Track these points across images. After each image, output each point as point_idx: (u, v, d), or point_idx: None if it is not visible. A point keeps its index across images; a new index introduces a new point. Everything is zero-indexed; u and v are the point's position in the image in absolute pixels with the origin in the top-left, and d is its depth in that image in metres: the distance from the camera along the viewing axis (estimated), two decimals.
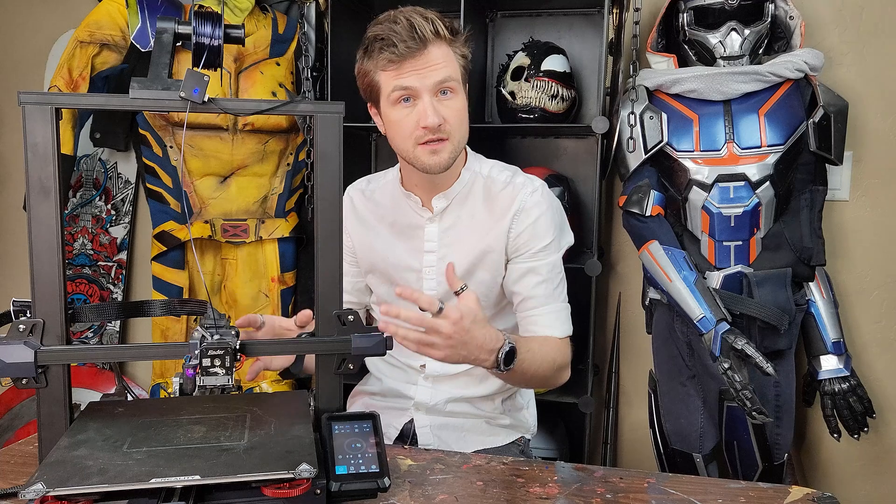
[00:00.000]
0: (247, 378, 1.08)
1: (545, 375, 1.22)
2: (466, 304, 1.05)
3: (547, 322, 1.27)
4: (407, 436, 1.33)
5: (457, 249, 1.29)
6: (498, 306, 1.34)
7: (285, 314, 2.14)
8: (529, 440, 1.42)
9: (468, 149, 1.35)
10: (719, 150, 1.71)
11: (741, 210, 1.69)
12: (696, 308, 1.64)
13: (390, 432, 1.33)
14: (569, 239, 1.36)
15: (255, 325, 1.13)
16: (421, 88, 1.16)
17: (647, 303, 1.93)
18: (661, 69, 1.79)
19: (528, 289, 1.27)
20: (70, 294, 1.57)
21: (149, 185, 2.12)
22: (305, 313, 1.10)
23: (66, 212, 2.44)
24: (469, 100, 1.24)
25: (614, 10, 1.94)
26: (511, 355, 1.11)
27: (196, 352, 0.86)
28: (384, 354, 0.95)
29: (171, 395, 0.95)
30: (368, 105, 1.27)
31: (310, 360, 1.15)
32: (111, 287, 2.44)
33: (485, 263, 1.28)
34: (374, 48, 1.17)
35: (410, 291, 1.04)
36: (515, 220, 1.26)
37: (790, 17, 1.75)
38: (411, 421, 1.33)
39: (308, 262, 2.17)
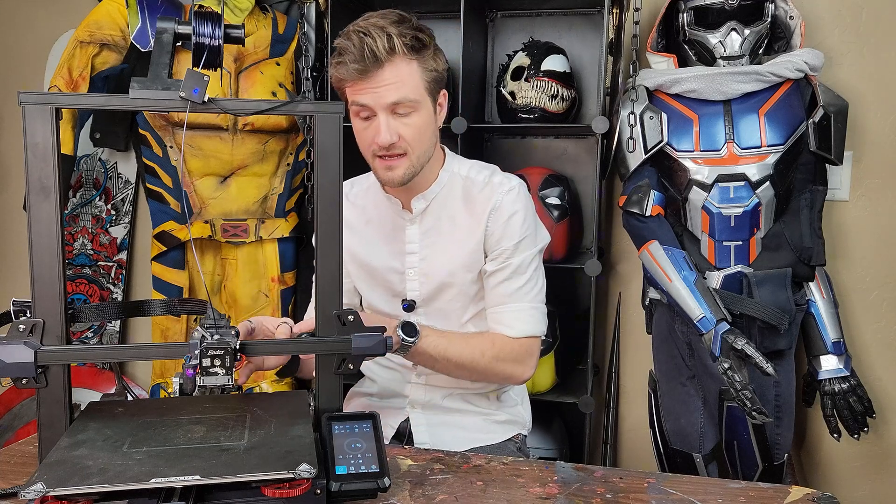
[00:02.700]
0: (240, 381, 1.07)
1: (473, 362, 1.24)
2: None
3: (506, 321, 1.28)
4: (403, 434, 1.34)
5: (438, 250, 1.30)
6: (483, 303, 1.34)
7: (285, 314, 2.14)
8: (526, 437, 1.42)
9: (446, 149, 1.35)
10: (719, 150, 1.71)
11: (741, 210, 1.69)
12: (695, 308, 1.64)
13: (387, 431, 1.33)
14: (543, 235, 1.34)
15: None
16: (375, 107, 1.16)
17: (647, 303, 1.93)
18: (661, 69, 1.79)
19: (491, 287, 1.29)
20: (70, 294, 1.57)
21: (149, 185, 2.12)
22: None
23: (66, 212, 2.44)
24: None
25: (614, 10, 1.94)
26: (410, 326, 1.17)
27: (196, 352, 0.86)
28: (384, 354, 0.95)
29: (171, 395, 0.95)
30: None
31: (306, 363, 1.15)
32: (111, 287, 2.43)
33: (467, 263, 1.29)
34: (335, 59, 1.17)
35: None
36: (491, 217, 1.26)
37: (790, 17, 1.75)
38: (407, 419, 1.34)
39: (308, 262, 2.17)
